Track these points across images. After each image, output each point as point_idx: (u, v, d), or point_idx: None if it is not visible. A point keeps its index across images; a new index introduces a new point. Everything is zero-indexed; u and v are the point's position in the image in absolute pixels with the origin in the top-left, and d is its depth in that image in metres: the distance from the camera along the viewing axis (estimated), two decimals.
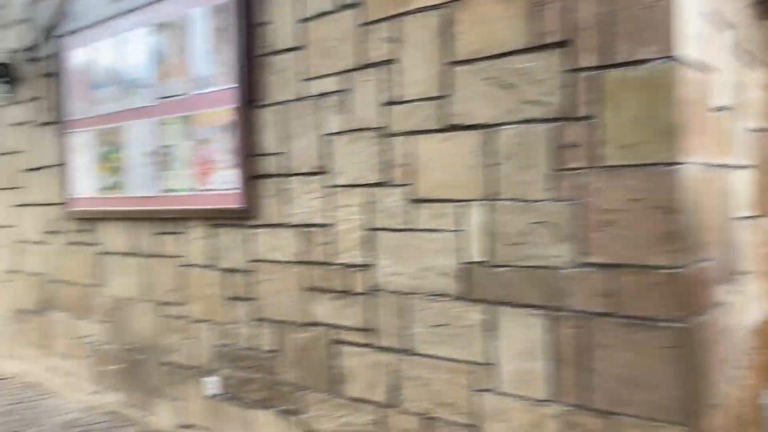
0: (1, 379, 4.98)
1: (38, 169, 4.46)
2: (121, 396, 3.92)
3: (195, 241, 3.36)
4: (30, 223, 4.59)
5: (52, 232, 4.38)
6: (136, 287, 3.75)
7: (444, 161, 2.37)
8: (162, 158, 3.48)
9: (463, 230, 2.33)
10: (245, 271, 3.12)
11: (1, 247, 4.94)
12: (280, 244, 2.95)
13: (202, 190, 3.27)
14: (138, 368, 3.78)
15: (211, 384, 3.29)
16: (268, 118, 2.97)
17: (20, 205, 4.68)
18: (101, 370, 4.06)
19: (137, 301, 3.74)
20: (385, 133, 2.54)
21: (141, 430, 3.71)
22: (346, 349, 2.72)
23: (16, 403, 4.38)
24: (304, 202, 2.84)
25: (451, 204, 2.36)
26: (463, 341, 2.35)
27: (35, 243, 4.56)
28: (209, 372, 3.32)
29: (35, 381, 4.70)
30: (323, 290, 2.79)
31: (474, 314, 2.32)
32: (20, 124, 4.60)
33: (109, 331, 3.98)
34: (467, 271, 2.33)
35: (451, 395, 2.40)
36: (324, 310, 2.79)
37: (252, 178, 3.04)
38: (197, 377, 3.39)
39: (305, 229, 2.85)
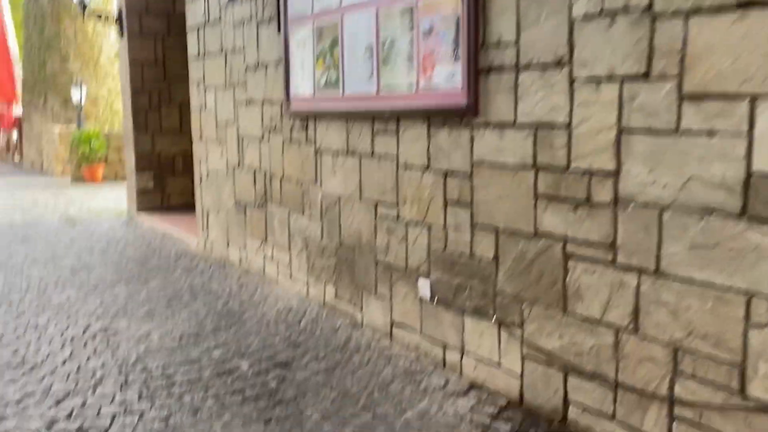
0: (227, 265, 5.46)
1: (260, 66, 4.59)
2: (334, 290, 4.06)
3: (413, 141, 3.23)
4: (251, 120, 4.80)
5: (272, 129, 4.53)
6: (351, 186, 3.76)
7: (730, 47, 1.92)
8: (381, 54, 3.34)
9: (749, 133, 1.91)
10: (466, 174, 2.93)
11: (225, 142, 5.27)
12: (507, 146, 2.71)
13: (422, 87, 3.09)
14: (351, 265, 3.85)
15: (424, 286, 3.24)
16: (500, 2, 2.66)
17: (243, 103, 4.90)
18: (315, 264, 4.23)
19: (352, 200, 3.77)
20: (649, 15, 2.13)
21: (352, 324, 3.82)
22: (580, 264, 2.45)
23: (240, 287, 4.76)
24: (539, 98, 2.55)
25: (736, 101, 1.92)
26: (735, 266, 1.97)
27: (256, 139, 4.77)
28: (422, 274, 3.26)
29: (255, 269, 5.06)
30: (556, 198, 2.52)
31: (755, 235, 1.92)
32: (243, 22, 4.74)
33: (323, 227, 4.09)
34: (751, 183, 1.92)
35: (711, 326, 2.06)
36: (556, 220, 2.54)
37: (478, 72, 2.79)
38: (410, 278, 3.36)
39: (538, 130, 2.56)
